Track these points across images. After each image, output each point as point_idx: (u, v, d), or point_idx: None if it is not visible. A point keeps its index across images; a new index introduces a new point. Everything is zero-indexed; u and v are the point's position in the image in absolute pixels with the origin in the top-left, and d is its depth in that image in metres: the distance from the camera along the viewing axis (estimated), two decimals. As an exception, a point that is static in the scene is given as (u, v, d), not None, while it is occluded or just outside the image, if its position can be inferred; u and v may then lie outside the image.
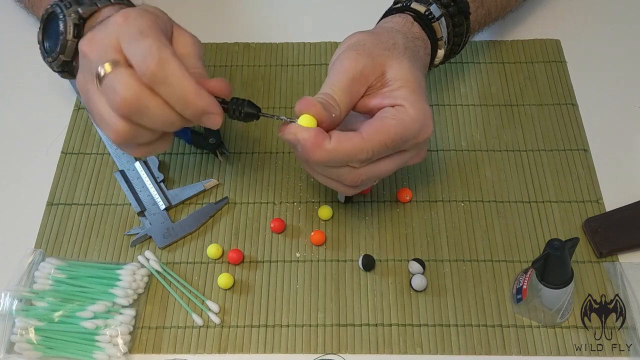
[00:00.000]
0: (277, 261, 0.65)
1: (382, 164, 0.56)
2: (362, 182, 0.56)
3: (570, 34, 0.81)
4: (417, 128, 0.54)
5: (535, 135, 0.73)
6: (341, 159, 0.53)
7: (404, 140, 0.54)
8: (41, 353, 0.60)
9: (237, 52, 0.80)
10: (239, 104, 0.54)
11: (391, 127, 0.53)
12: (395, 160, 0.56)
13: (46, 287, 0.62)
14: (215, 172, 0.71)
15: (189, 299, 0.63)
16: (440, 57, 0.64)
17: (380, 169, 0.56)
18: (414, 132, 0.54)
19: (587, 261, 0.65)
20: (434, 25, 0.62)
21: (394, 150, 0.55)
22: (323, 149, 0.52)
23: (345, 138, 0.53)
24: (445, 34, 0.63)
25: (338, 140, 0.53)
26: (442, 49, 0.63)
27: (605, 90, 0.77)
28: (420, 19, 0.62)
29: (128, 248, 0.66)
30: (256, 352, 0.61)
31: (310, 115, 0.53)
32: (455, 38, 0.65)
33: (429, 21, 0.62)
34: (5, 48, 0.81)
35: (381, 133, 0.53)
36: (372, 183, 0.61)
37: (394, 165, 0.57)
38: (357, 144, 0.53)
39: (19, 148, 0.73)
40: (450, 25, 0.63)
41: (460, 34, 0.65)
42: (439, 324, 0.62)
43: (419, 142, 0.55)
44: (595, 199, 0.68)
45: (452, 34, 0.64)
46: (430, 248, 0.66)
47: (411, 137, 0.54)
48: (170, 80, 0.50)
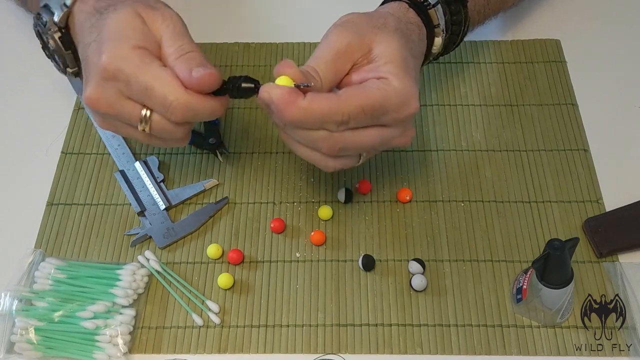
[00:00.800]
0: (277, 261, 0.65)
1: (361, 133, 0.54)
2: (340, 151, 0.55)
3: (570, 34, 0.81)
4: (399, 101, 0.53)
5: (535, 135, 0.73)
6: (315, 118, 0.52)
7: (383, 110, 0.53)
8: (41, 353, 0.60)
9: (237, 52, 0.80)
10: (236, 80, 0.54)
11: (371, 94, 0.52)
12: (376, 133, 0.55)
13: (46, 287, 0.62)
14: (215, 172, 0.71)
15: (189, 299, 0.63)
16: (438, 45, 0.63)
17: (360, 138, 0.54)
18: (396, 105, 0.53)
19: (587, 261, 0.65)
20: (430, 12, 0.62)
21: (373, 120, 0.54)
22: (296, 105, 0.51)
23: (321, 97, 0.52)
24: (443, 21, 0.63)
25: (312, 99, 0.52)
26: (440, 37, 0.63)
27: (605, 90, 0.77)
28: (415, 5, 0.62)
29: (128, 248, 0.66)
30: (256, 352, 0.61)
31: (288, 77, 0.52)
32: (454, 27, 0.64)
33: (425, 8, 0.62)
34: (5, 48, 0.81)
35: (360, 97, 0.52)
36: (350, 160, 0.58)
37: (374, 139, 0.55)
38: (333, 104, 0.52)
39: (19, 148, 0.73)
40: (448, 12, 0.63)
41: (459, 22, 0.64)
42: (439, 324, 0.62)
43: (400, 118, 0.54)
44: (595, 199, 0.68)
45: (450, 22, 0.64)
46: (430, 248, 0.66)
47: (392, 109, 0.53)
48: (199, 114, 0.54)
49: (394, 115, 0.54)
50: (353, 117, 0.52)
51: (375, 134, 0.55)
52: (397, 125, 0.55)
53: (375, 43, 0.55)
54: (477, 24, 0.71)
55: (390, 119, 0.54)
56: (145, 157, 0.71)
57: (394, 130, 0.56)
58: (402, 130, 0.56)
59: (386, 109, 0.53)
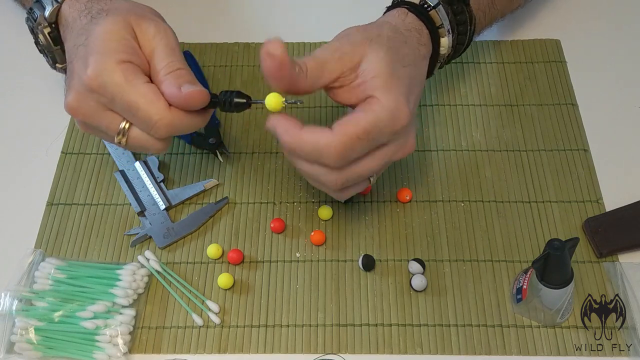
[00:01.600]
0: (277, 261, 0.65)
1: (362, 163, 0.55)
2: (343, 184, 0.55)
3: (570, 34, 0.81)
4: (389, 116, 0.53)
5: (535, 135, 0.73)
6: (309, 150, 0.53)
7: (378, 131, 0.53)
8: (41, 353, 0.60)
9: (237, 52, 0.80)
10: (228, 95, 0.55)
11: (360, 119, 0.53)
12: (377, 156, 0.55)
13: (46, 287, 0.62)
14: (215, 172, 0.71)
15: (189, 299, 0.63)
16: (446, 45, 0.63)
17: (362, 168, 0.55)
18: (387, 121, 0.53)
19: (587, 261, 0.65)
20: (432, 14, 0.62)
21: (371, 144, 0.54)
22: (291, 133, 0.53)
23: (316, 129, 0.53)
24: (447, 22, 0.62)
25: (308, 131, 0.53)
26: (446, 37, 0.62)
27: (605, 90, 0.77)
28: (415, 9, 0.62)
29: (128, 248, 0.66)
30: (256, 352, 0.61)
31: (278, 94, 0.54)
32: (460, 27, 0.64)
33: (425, 10, 0.62)
34: (5, 48, 0.81)
35: (350, 125, 0.52)
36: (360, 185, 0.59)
37: (376, 162, 0.55)
38: (326, 139, 0.52)
39: (19, 148, 0.73)
40: (451, 13, 0.63)
41: (464, 22, 0.64)
42: (439, 324, 0.62)
43: (396, 132, 0.54)
44: (595, 199, 0.68)
45: (454, 22, 0.63)
46: (430, 248, 0.66)
47: (385, 126, 0.53)
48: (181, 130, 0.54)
49: (389, 130, 0.54)
50: (349, 148, 0.52)
51: (376, 157, 0.55)
52: (396, 139, 0.55)
53: (364, 57, 0.55)
54: (484, 26, 0.71)
55: (386, 137, 0.54)
56: (145, 157, 0.71)
57: (394, 146, 0.56)
58: (402, 142, 0.56)
59: (379, 128, 0.53)
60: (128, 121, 0.54)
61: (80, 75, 0.54)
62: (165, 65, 0.54)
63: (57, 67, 0.65)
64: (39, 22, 0.61)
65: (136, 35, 0.55)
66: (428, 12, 0.62)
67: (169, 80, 0.53)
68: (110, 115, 0.54)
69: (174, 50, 0.56)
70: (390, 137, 0.54)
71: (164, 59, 0.54)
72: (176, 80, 0.53)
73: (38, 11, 0.61)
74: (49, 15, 0.60)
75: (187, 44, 0.81)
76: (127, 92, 0.52)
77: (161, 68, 0.54)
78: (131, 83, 0.53)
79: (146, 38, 0.55)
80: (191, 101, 0.53)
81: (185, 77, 0.54)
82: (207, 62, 0.79)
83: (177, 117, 0.53)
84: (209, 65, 0.79)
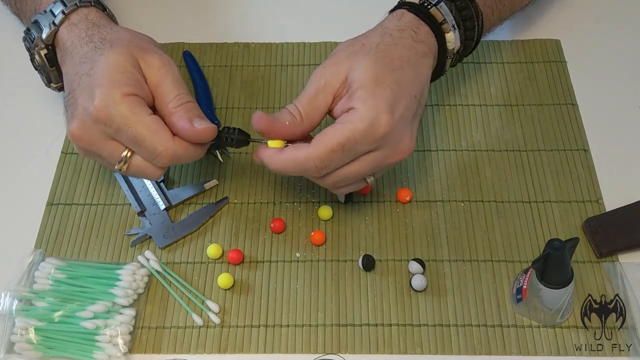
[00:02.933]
0: (277, 261, 0.65)
1: (348, 167, 0.57)
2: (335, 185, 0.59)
3: (570, 34, 0.81)
4: (366, 126, 0.54)
5: (535, 135, 0.73)
6: (294, 166, 0.56)
7: (355, 142, 0.55)
8: (41, 353, 0.60)
9: (237, 52, 0.80)
10: (231, 132, 0.60)
11: (336, 132, 0.55)
12: (364, 161, 0.57)
13: (46, 287, 0.62)
14: (215, 172, 0.71)
15: (189, 299, 0.63)
16: (452, 41, 0.63)
17: (349, 171, 0.57)
18: (365, 132, 0.54)
19: (587, 261, 0.65)
20: (432, 12, 0.62)
21: (350, 154, 0.56)
22: (273, 158, 0.57)
23: (296, 147, 0.56)
24: (450, 17, 0.62)
25: (289, 150, 0.57)
26: (451, 32, 0.62)
27: (605, 90, 0.77)
28: (414, 9, 0.62)
29: (128, 248, 0.66)
30: (256, 352, 0.61)
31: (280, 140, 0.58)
32: (466, 22, 0.64)
33: (425, 8, 0.62)
34: (5, 48, 0.81)
35: (327, 140, 0.55)
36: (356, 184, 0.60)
37: (364, 167, 0.57)
38: (305, 153, 0.55)
39: (19, 148, 0.73)
40: (454, 8, 0.63)
41: (470, 17, 0.64)
42: (439, 324, 0.62)
43: (376, 140, 0.55)
44: (595, 199, 0.68)
45: (459, 17, 0.63)
46: (430, 248, 0.66)
47: (363, 137, 0.55)
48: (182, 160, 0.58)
49: (368, 141, 0.55)
50: (326, 160, 0.55)
51: (363, 162, 0.57)
52: (382, 146, 0.56)
53: (349, 70, 0.57)
54: (494, 22, 0.71)
55: (366, 146, 0.56)
56: None
57: (383, 151, 0.57)
58: (391, 148, 0.57)
59: (356, 140, 0.55)
60: (130, 150, 0.56)
61: (85, 107, 0.55)
62: (175, 97, 0.57)
63: (52, 86, 0.66)
64: (36, 43, 0.62)
65: (140, 68, 0.58)
66: (428, 10, 0.62)
67: (180, 113, 0.56)
68: (114, 144, 0.57)
69: (180, 83, 0.58)
70: (372, 146, 0.56)
71: (173, 91, 0.57)
72: (187, 114, 0.56)
73: (35, 32, 0.62)
74: (46, 37, 0.62)
75: (187, 44, 0.81)
76: (133, 124, 0.55)
77: (170, 100, 0.57)
78: (137, 115, 0.55)
79: (152, 71, 0.58)
80: (202, 136, 0.57)
81: (195, 111, 0.57)
82: (207, 62, 0.79)
83: (180, 148, 0.56)
84: (209, 65, 0.79)
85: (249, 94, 0.77)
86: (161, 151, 0.55)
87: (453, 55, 0.64)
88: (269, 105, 0.76)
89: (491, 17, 0.69)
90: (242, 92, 0.77)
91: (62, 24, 0.62)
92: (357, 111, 0.55)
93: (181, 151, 0.56)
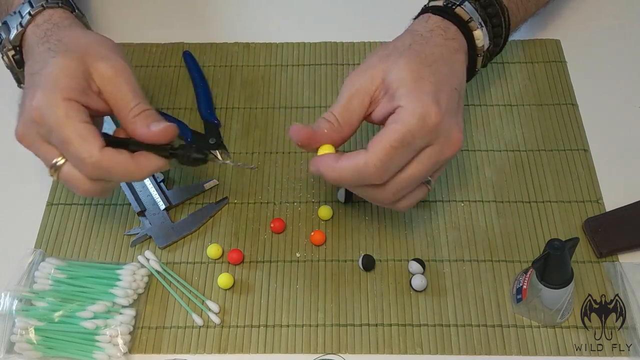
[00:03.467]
0: (277, 261, 0.65)
1: (407, 170, 0.55)
2: (396, 196, 0.57)
3: (570, 34, 0.81)
4: (418, 120, 0.54)
5: (535, 135, 0.73)
6: (352, 175, 0.55)
7: (411, 136, 0.54)
8: (41, 353, 0.60)
9: (237, 52, 0.80)
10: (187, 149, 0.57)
11: (391, 132, 0.54)
12: (422, 160, 0.56)
13: (46, 287, 0.62)
14: (215, 172, 0.71)
15: (189, 299, 0.63)
16: (481, 38, 0.63)
17: (409, 175, 0.56)
18: (417, 125, 0.54)
19: (587, 261, 0.65)
20: (457, 11, 0.62)
21: (409, 151, 0.54)
22: (331, 166, 0.55)
23: (352, 154, 0.55)
24: (476, 15, 0.63)
25: (344, 158, 0.55)
26: (479, 30, 0.62)
27: (605, 90, 0.77)
28: (438, 11, 0.62)
29: (128, 248, 0.66)
30: (256, 352, 0.61)
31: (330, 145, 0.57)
32: (493, 19, 0.64)
33: (450, 9, 0.62)
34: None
35: (382, 140, 0.54)
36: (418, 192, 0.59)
37: (423, 166, 0.56)
38: (364, 158, 0.54)
39: (19, 148, 0.73)
40: (479, 7, 0.63)
41: (496, 14, 0.64)
42: (439, 324, 0.62)
43: (430, 132, 0.54)
44: (595, 199, 0.68)
45: (485, 15, 0.64)
46: (430, 248, 0.66)
47: (417, 131, 0.54)
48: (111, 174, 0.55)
49: (422, 134, 0.54)
50: (387, 161, 0.54)
51: (422, 160, 0.56)
52: (436, 138, 0.55)
53: (385, 72, 0.57)
54: (521, 18, 0.71)
55: (422, 140, 0.55)
56: None
57: (437, 145, 0.56)
58: (444, 140, 0.56)
59: (412, 134, 0.54)
60: (63, 157, 0.56)
61: (27, 105, 0.56)
62: (133, 107, 0.57)
63: (22, 86, 0.66)
64: (4, 44, 0.62)
65: (91, 76, 0.57)
66: (453, 10, 0.62)
67: (139, 121, 0.56)
68: (48, 148, 0.56)
69: (137, 91, 0.58)
70: (428, 139, 0.55)
71: (131, 102, 0.57)
72: (145, 121, 0.56)
73: (4, 34, 0.63)
74: (13, 38, 0.62)
75: (187, 44, 0.81)
76: (63, 127, 0.54)
77: (129, 110, 0.57)
78: (69, 119, 0.54)
79: (105, 81, 0.57)
80: (159, 137, 0.56)
81: (152, 117, 0.57)
82: (207, 62, 0.79)
83: (106, 159, 0.54)
84: (209, 65, 0.79)
85: (249, 94, 0.77)
86: (85, 158, 0.54)
87: (483, 53, 0.64)
88: (269, 105, 0.76)
89: (517, 12, 0.69)
90: (242, 92, 0.77)
91: (28, 25, 0.62)
92: (405, 108, 0.54)
93: (107, 163, 0.54)
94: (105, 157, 0.54)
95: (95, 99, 0.57)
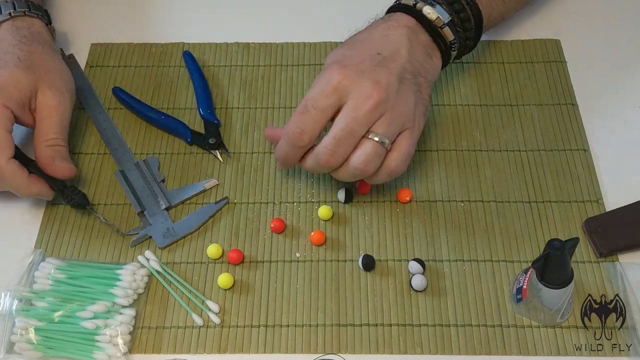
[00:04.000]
0: (277, 261, 0.65)
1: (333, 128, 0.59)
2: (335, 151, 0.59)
3: (570, 34, 0.81)
4: (319, 83, 0.60)
5: (535, 135, 0.73)
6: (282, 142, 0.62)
7: (314, 99, 0.59)
8: (41, 353, 0.60)
9: (237, 52, 0.80)
10: (74, 192, 0.66)
11: None
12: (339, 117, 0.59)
13: (46, 287, 0.62)
14: (215, 172, 0.71)
15: (189, 299, 0.63)
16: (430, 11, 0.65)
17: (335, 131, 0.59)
18: (318, 88, 0.60)
19: (587, 261, 0.65)
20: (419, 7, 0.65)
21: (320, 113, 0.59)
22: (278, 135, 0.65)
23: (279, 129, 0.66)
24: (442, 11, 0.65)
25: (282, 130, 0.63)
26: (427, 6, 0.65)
27: (605, 90, 0.77)
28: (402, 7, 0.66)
29: (128, 248, 0.66)
30: (256, 352, 0.61)
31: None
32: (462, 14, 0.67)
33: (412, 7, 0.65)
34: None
35: None
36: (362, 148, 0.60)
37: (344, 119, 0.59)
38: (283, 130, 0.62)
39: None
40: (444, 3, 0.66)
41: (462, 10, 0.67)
42: (439, 324, 0.62)
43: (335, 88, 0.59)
44: (595, 199, 0.68)
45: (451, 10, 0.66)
46: (430, 248, 0.66)
47: (318, 92, 0.59)
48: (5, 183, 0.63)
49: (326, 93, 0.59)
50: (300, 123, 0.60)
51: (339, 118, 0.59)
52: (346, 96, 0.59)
53: None
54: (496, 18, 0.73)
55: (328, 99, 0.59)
56: (146, 157, 0.71)
57: (351, 101, 0.59)
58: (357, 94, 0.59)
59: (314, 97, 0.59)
60: None
61: None
62: (51, 138, 0.64)
63: None
64: None
65: (36, 95, 0.65)
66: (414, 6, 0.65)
67: (48, 152, 0.64)
68: None
69: (63, 127, 0.66)
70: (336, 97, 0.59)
71: (52, 133, 0.64)
72: (53, 154, 0.64)
73: None
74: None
75: (187, 44, 0.81)
76: None
77: (48, 138, 0.64)
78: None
79: (43, 106, 0.65)
80: (58, 172, 0.64)
81: (62, 153, 0.65)
82: (207, 62, 0.79)
83: (8, 171, 0.62)
84: (209, 65, 0.79)
85: (249, 94, 0.77)
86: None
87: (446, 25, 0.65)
88: (269, 105, 0.76)
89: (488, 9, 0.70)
90: (242, 92, 0.77)
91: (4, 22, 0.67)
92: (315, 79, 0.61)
93: (7, 174, 0.62)
94: (8, 168, 0.62)
95: (28, 114, 0.65)
